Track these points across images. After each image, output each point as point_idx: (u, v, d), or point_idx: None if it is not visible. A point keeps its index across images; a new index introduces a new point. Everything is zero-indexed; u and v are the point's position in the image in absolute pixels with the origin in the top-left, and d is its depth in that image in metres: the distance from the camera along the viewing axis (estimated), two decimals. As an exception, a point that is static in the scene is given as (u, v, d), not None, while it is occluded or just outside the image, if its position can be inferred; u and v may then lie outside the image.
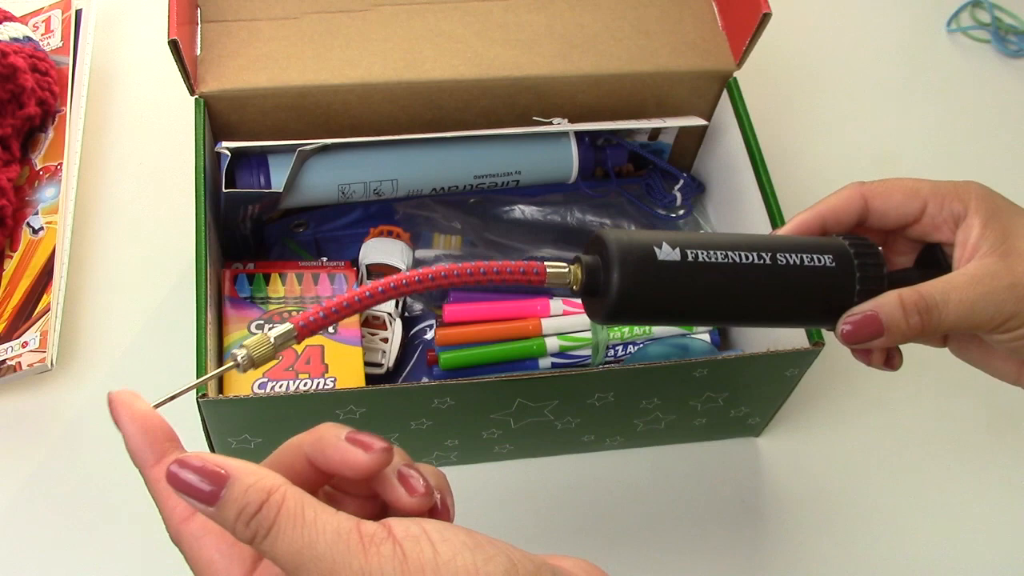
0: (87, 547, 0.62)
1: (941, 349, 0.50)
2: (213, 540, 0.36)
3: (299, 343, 0.40)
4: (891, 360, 0.48)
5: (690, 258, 0.42)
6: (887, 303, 0.43)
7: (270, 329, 0.39)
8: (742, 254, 0.42)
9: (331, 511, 0.33)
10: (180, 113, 0.64)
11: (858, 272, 0.44)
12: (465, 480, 0.67)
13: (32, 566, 0.61)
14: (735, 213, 0.69)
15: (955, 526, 0.67)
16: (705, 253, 0.42)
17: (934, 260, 0.47)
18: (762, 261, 0.43)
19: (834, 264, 0.44)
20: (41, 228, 0.69)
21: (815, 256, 0.44)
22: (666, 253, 0.41)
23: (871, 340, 0.44)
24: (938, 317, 0.43)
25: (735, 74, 0.68)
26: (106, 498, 0.63)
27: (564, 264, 0.42)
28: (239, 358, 0.39)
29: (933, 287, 0.43)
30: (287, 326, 0.39)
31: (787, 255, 0.43)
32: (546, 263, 0.42)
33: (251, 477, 0.33)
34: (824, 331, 0.58)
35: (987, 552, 0.66)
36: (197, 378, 0.53)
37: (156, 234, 0.73)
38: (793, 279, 0.43)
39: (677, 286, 0.42)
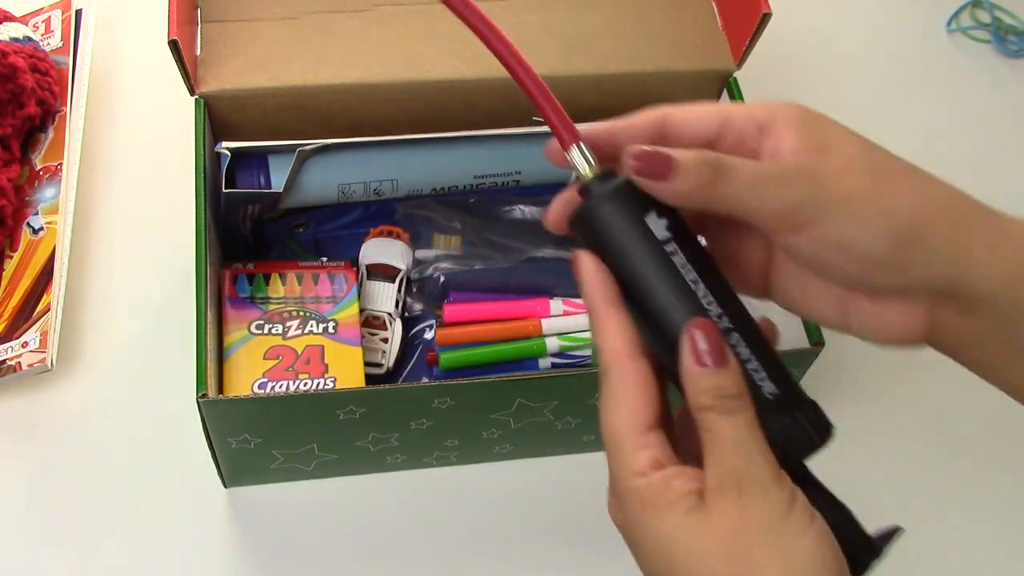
0: (87, 547, 0.62)
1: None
2: (632, 387, 0.37)
3: None
4: None
5: (662, 247, 0.39)
6: (685, 151, 0.39)
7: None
8: (698, 285, 0.39)
9: None
10: (180, 113, 0.64)
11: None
12: (465, 480, 0.67)
13: (32, 566, 0.61)
14: (735, 213, 0.69)
15: (955, 526, 0.67)
16: (678, 257, 0.39)
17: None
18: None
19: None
20: (41, 228, 0.69)
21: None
22: (653, 223, 0.39)
23: (659, 180, 0.38)
24: (728, 179, 0.38)
25: (735, 74, 0.68)
26: (106, 498, 0.63)
27: (596, 169, 0.40)
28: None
29: (737, 157, 0.39)
30: None
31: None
32: (580, 147, 0.40)
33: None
34: (824, 330, 0.58)
35: (987, 552, 0.66)
36: (196, 384, 0.53)
37: (156, 234, 0.73)
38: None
39: (626, 248, 0.39)
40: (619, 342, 0.37)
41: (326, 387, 0.60)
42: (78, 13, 0.78)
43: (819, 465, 0.73)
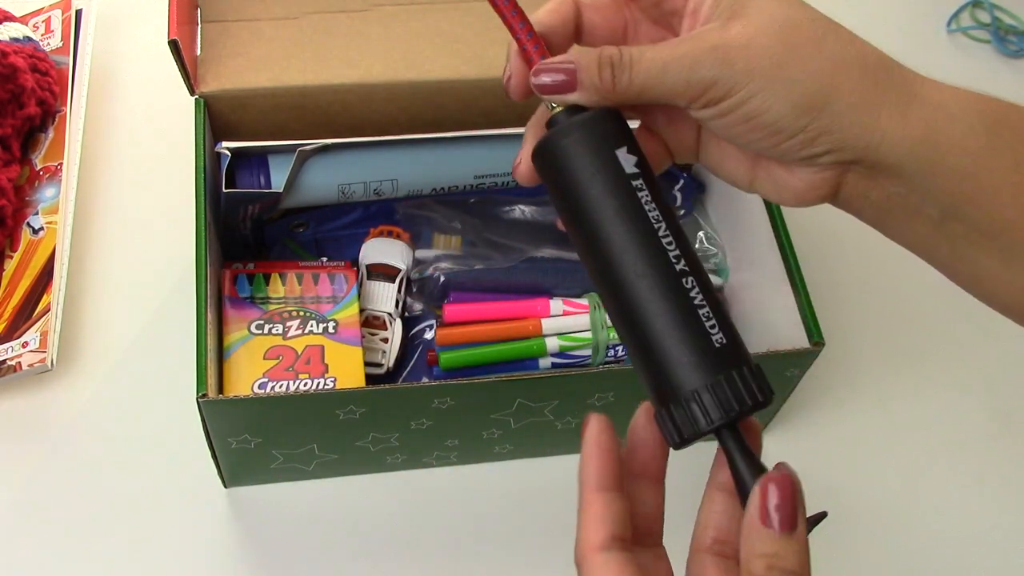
0: (87, 547, 0.62)
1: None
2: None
3: None
4: None
5: (629, 180, 0.38)
6: (584, 54, 0.38)
7: None
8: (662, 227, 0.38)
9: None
10: (180, 113, 0.64)
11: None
12: (465, 480, 0.67)
13: (32, 566, 0.61)
14: (735, 213, 0.69)
15: (955, 525, 0.67)
16: (644, 194, 0.38)
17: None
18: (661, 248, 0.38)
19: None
20: (41, 228, 0.69)
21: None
22: (623, 157, 0.38)
23: (565, 93, 0.38)
24: (628, 76, 0.38)
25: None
26: (106, 498, 0.63)
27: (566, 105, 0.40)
28: None
29: (632, 48, 0.38)
30: None
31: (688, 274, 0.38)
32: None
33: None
34: (824, 330, 0.58)
35: (987, 551, 0.66)
36: (196, 384, 0.53)
37: (156, 234, 0.73)
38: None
39: (595, 179, 0.38)
40: (595, 535, 0.35)
41: (326, 387, 0.60)
42: (78, 13, 0.78)
43: (819, 464, 0.73)
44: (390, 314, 0.66)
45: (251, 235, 0.68)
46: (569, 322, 0.66)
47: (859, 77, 0.38)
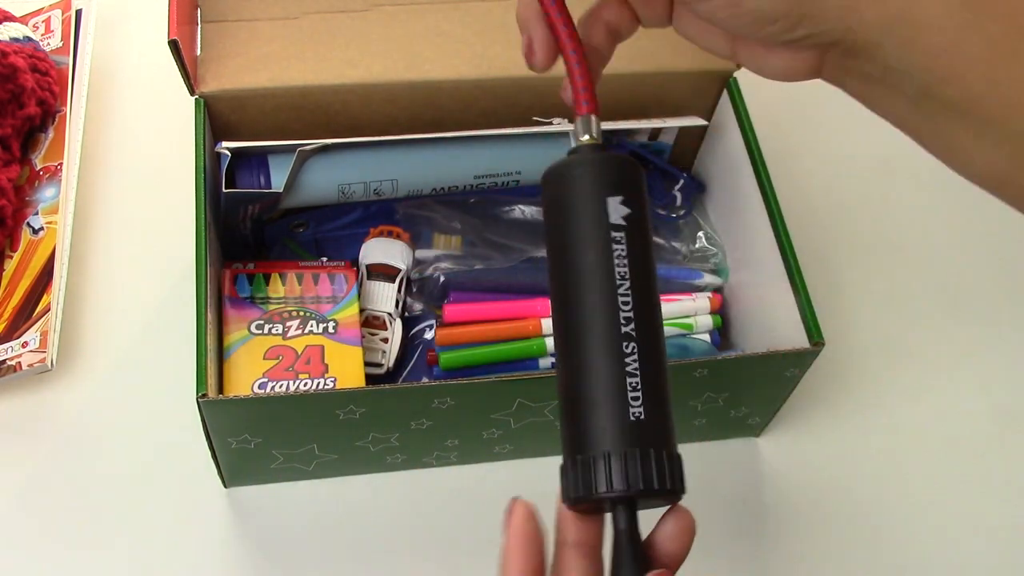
0: (87, 547, 0.62)
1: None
2: None
3: None
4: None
5: (609, 230, 0.38)
6: None
7: None
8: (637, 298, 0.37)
9: None
10: (180, 113, 0.64)
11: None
12: (465, 480, 0.67)
13: (32, 566, 0.61)
14: (735, 213, 0.69)
15: (955, 526, 0.67)
16: (620, 248, 0.37)
17: None
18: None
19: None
20: (41, 228, 0.69)
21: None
22: (614, 206, 0.38)
23: None
24: None
25: (735, 74, 0.68)
26: (106, 498, 0.63)
27: (596, 141, 0.40)
28: None
29: None
30: None
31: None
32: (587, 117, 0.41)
33: None
34: (824, 330, 0.58)
35: (987, 552, 0.66)
36: (196, 384, 0.53)
37: (156, 234, 0.73)
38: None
39: (575, 217, 0.38)
40: None
41: (326, 387, 0.60)
42: (78, 13, 0.78)
43: (819, 464, 0.73)
44: (390, 314, 0.66)
45: (251, 235, 0.68)
46: (569, 322, 0.66)
47: None
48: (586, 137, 0.40)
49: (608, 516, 0.38)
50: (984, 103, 0.38)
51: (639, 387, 0.36)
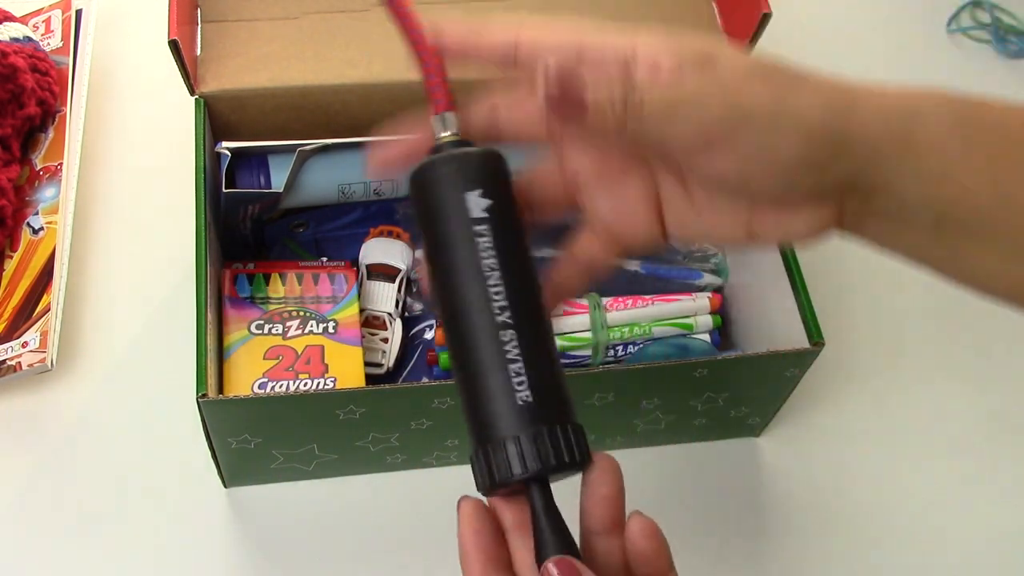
0: (87, 547, 0.62)
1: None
2: None
3: None
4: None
5: (472, 226, 0.38)
6: (587, 71, 0.37)
7: None
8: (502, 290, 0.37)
9: None
10: (180, 113, 0.64)
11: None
12: (465, 480, 0.67)
13: (32, 566, 0.61)
14: (735, 213, 0.69)
15: (955, 526, 0.67)
16: (485, 240, 0.38)
17: None
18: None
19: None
20: (41, 228, 0.69)
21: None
22: (473, 200, 0.38)
23: (575, 106, 0.37)
24: (638, 113, 0.36)
25: (735, 74, 0.68)
26: (106, 498, 0.63)
27: (455, 136, 0.40)
28: None
29: (640, 84, 0.37)
30: None
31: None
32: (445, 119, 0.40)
33: None
34: (824, 330, 0.58)
35: (987, 552, 0.66)
36: (196, 384, 0.53)
37: (156, 234, 0.73)
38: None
39: (438, 218, 0.38)
40: None
41: (326, 387, 0.60)
42: (78, 13, 0.78)
43: (819, 464, 0.73)
44: (390, 314, 0.66)
45: (251, 235, 0.68)
46: (569, 322, 0.66)
47: (843, 100, 0.38)
48: (445, 134, 0.40)
49: None
50: (998, 217, 0.38)
51: (523, 371, 0.37)
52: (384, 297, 0.66)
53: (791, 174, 0.38)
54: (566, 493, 0.39)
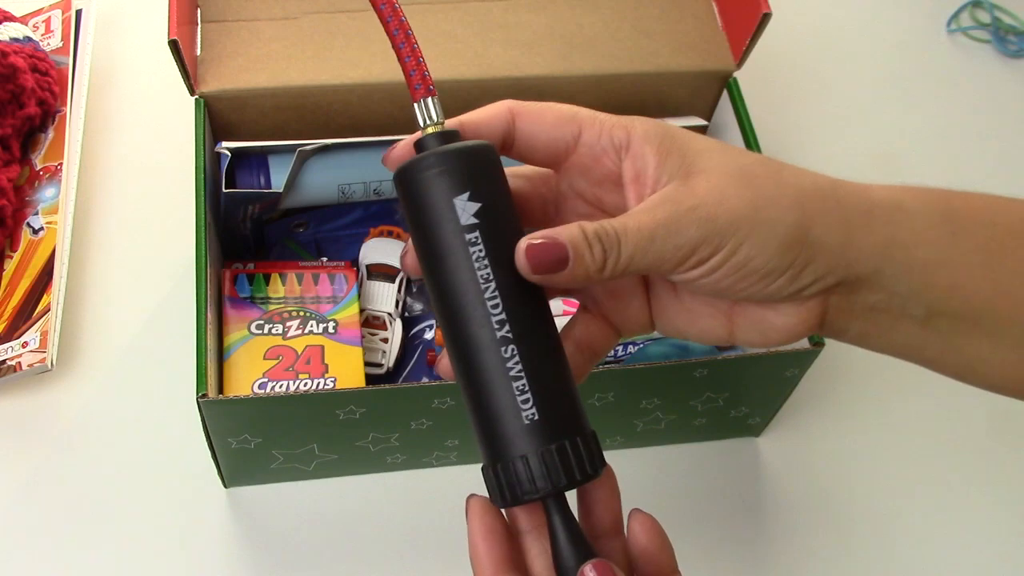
0: (87, 547, 0.62)
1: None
2: None
3: None
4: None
5: (463, 233, 0.36)
6: (568, 229, 0.37)
7: None
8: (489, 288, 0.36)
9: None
10: (180, 113, 0.64)
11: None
12: (465, 480, 0.67)
13: (32, 566, 0.61)
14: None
15: (955, 526, 0.67)
16: (477, 248, 0.36)
17: None
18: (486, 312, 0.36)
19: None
20: (41, 228, 0.69)
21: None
22: (462, 206, 0.36)
23: (557, 271, 0.36)
24: (618, 248, 0.37)
25: (735, 74, 0.68)
26: (106, 498, 0.63)
27: (439, 125, 0.39)
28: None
29: (612, 220, 0.37)
30: None
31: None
32: (429, 110, 0.39)
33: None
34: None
35: (987, 552, 0.66)
36: (196, 384, 0.53)
37: (156, 234, 0.73)
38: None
39: (428, 226, 0.37)
40: None
41: (326, 387, 0.60)
42: (78, 13, 0.78)
43: (819, 464, 0.73)
44: (390, 314, 0.66)
45: (251, 235, 0.68)
46: (569, 322, 0.66)
47: (822, 201, 0.39)
48: (428, 125, 0.39)
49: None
50: (992, 306, 0.39)
51: (527, 388, 0.36)
52: (384, 297, 0.66)
53: (766, 281, 0.38)
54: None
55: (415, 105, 0.39)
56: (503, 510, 0.38)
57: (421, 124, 0.39)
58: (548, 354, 0.37)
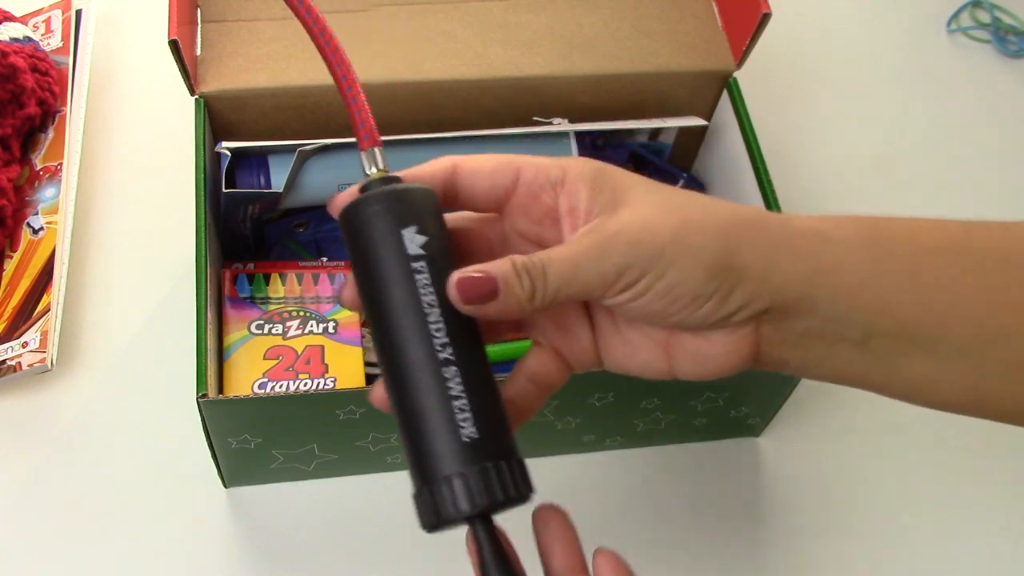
0: (87, 547, 0.62)
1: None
2: None
3: None
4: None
5: (409, 263, 0.38)
6: (500, 263, 0.39)
7: None
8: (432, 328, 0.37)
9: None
10: (180, 113, 0.64)
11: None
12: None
13: (32, 566, 0.61)
14: (735, 213, 0.69)
15: (955, 526, 0.67)
16: (423, 276, 0.38)
17: None
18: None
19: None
20: (41, 228, 0.69)
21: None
22: (410, 236, 0.38)
23: (486, 301, 0.38)
24: (544, 278, 0.38)
25: (735, 74, 0.68)
26: (106, 498, 0.63)
27: (384, 172, 0.40)
28: None
29: (540, 253, 0.39)
30: None
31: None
32: (375, 159, 0.41)
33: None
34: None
35: (987, 552, 0.66)
36: (197, 384, 0.53)
37: (156, 234, 0.73)
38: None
39: (372, 256, 0.38)
40: None
41: (326, 387, 0.60)
42: (78, 13, 0.78)
43: (819, 465, 0.73)
44: (390, 314, 0.66)
45: (251, 235, 0.68)
46: (569, 322, 0.66)
47: (748, 229, 0.40)
48: (373, 170, 0.41)
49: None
50: (921, 323, 0.40)
51: (468, 408, 0.37)
52: (384, 297, 0.66)
53: (695, 305, 0.39)
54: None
55: (362, 154, 0.41)
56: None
57: (367, 172, 0.41)
58: (486, 379, 0.38)
